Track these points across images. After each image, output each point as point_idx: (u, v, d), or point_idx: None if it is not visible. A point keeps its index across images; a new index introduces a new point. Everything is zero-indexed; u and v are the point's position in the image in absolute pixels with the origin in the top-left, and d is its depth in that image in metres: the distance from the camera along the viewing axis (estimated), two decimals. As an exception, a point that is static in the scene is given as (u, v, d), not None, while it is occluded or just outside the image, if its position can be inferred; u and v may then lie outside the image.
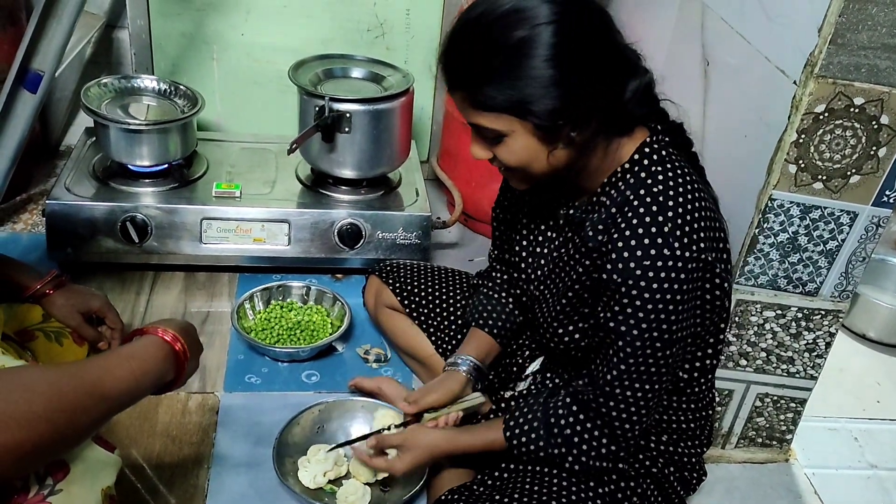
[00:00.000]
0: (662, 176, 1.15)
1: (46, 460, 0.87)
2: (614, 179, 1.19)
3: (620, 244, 1.12)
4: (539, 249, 1.36)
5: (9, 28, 1.97)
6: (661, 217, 1.11)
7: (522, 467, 1.32)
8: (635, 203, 1.14)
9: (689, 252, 1.11)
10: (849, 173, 1.32)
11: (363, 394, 1.56)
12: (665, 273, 1.10)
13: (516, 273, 1.42)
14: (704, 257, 1.13)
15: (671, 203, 1.12)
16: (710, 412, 1.38)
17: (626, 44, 1.15)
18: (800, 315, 1.47)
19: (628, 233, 1.12)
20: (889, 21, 1.19)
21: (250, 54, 2.28)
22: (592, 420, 1.22)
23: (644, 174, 1.16)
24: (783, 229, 1.37)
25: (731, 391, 1.57)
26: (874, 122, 1.27)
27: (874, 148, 1.29)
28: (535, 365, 1.47)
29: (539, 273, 1.35)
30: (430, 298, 1.65)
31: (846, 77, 1.23)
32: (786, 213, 1.36)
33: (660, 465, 1.32)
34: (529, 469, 1.31)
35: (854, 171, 1.32)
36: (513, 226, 1.42)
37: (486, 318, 1.48)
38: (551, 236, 1.34)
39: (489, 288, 1.52)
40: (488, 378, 1.49)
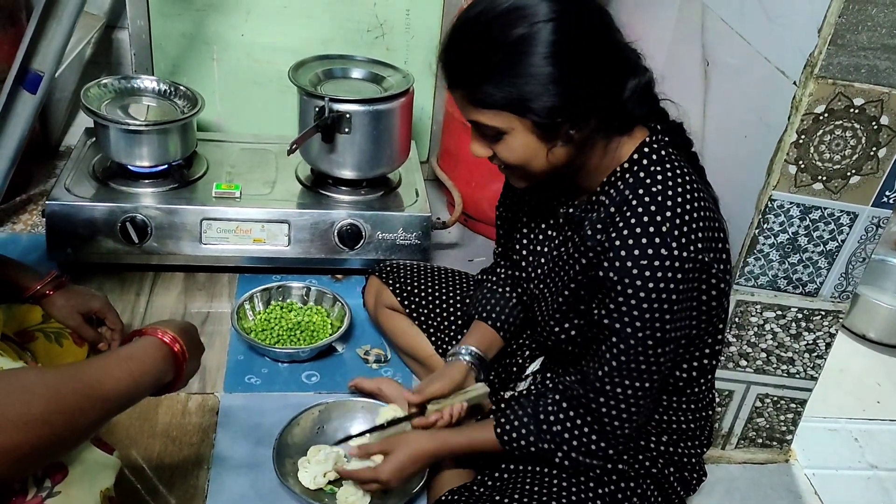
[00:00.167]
0: (661, 176, 1.15)
1: (45, 462, 0.87)
2: (613, 179, 1.19)
3: (618, 242, 1.12)
4: (539, 248, 1.36)
5: (9, 28, 1.97)
6: (660, 217, 1.12)
7: (523, 468, 1.31)
8: (634, 202, 1.14)
9: (687, 252, 1.11)
10: (849, 174, 1.32)
11: (363, 394, 1.56)
12: (661, 272, 1.10)
13: (517, 272, 1.43)
14: (702, 258, 1.13)
15: (670, 203, 1.12)
16: (710, 412, 1.38)
17: (626, 42, 1.15)
18: (800, 316, 1.47)
19: (626, 231, 1.12)
20: (889, 22, 1.19)
21: (250, 55, 2.28)
22: (583, 417, 1.23)
23: (643, 174, 1.16)
24: (783, 230, 1.37)
25: (732, 392, 1.57)
26: (874, 123, 1.27)
27: (874, 148, 1.29)
28: (535, 365, 1.47)
29: (539, 272, 1.36)
30: (430, 299, 1.65)
31: (846, 78, 1.23)
32: (786, 214, 1.35)
33: (660, 466, 1.32)
34: (530, 469, 1.31)
35: (854, 172, 1.32)
36: (514, 224, 1.42)
37: (490, 312, 1.48)
38: (552, 235, 1.34)
39: (493, 282, 1.52)
40: (491, 369, 1.49)
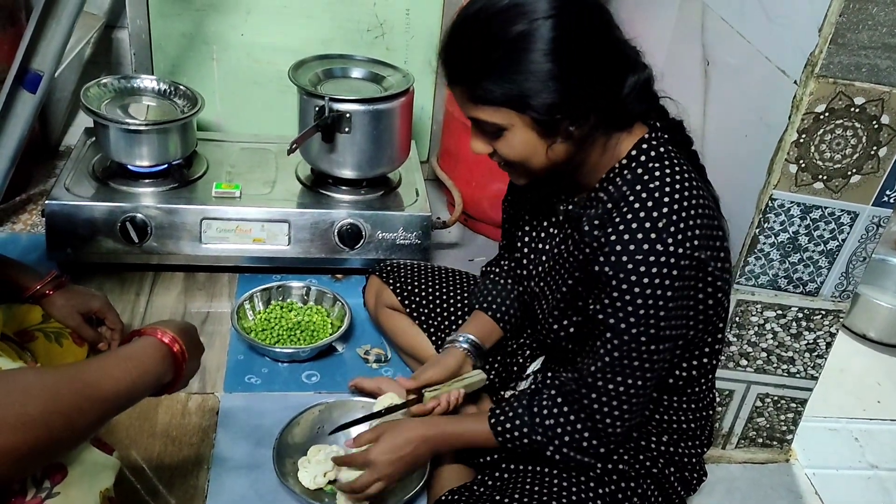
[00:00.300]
0: (659, 172, 1.15)
1: (44, 463, 0.87)
2: (612, 175, 1.19)
3: (614, 237, 1.13)
4: (540, 246, 1.36)
5: (8, 28, 1.97)
6: (657, 213, 1.12)
7: (523, 468, 1.31)
8: (631, 198, 1.14)
9: (683, 248, 1.11)
10: (849, 173, 1.32)
11: (363, 394, 1.55)
12: (657, 268, 1.10)
13: (519, 269, 1.43)
14: (698, 255, 1.13)
15: (667, 199, 1.12)
16: (711, 412, 1.38)
17: (625, 39, 1.15)
18: (800, 315, 1.47)
19: (623, 227, 1.12)
20: (889, 20, 1.19)
21: (250, 54, 2.28)
22: (576, 413, 1.23)
23: (641, 170, 1.16)
24: (783, 229, 1.37)
25: (732, 391, 1.56)
26: (875, 122, 1.27)
27: (874, 148, 1.29)
28: (536, 365, 1.47)
29: (540, 269, 1.36)
30: (431, 298, 1.65)
31: (847, 77, 1.23)
32: (786, 213, 1.35)
33: (660, 466, 1.32)
34: (530, 469, 1.31)
35: (854, 171, 1.31)
36: (516, 222, 1.43)
37: (491, 302, 1.49)
38: (553, 233, 1.34)
39: (496, 274, 1.53)
40: (488, 359, 1.50)
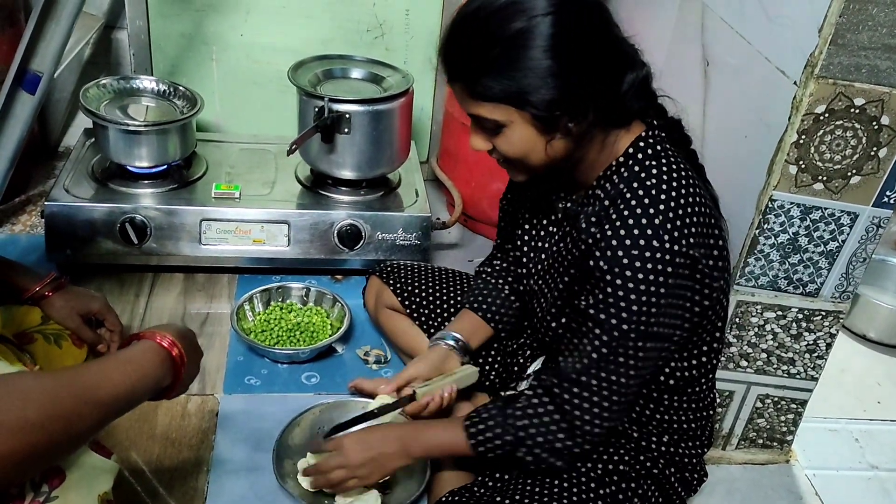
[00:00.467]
0: (656, 170, 1.15)
1: (42, 467, 0.87)
2: (609, 172, 1.20)
3: (610, 233, 1.13)
4: (540, 244, 1.36)
5: (7, 29, 1.97)
6: (653, 209, 1.12)
7: (524, 468, 1.31)
8: (628, 195, 1.14)
9: (678, 245, 1.11)
10: (849, 174, 1.31)
11: (363, 395, 1.55)
12: (652, 264, 1.10)
13: (519, 268, 1.43)
14: (693, 253, 1.13)
15: (663, 196, 1.13)
16: (711, 412, 1.38)
17: (624, 37, 1.16)
18: (800, 316, 1.47)
19: (619, 223, 1.12)
20: (889, 21, 1.19)
21: (249, 55, 2.28)
22: (550, 413, 1.21)
23: (638, 168, 1.16)
24: (783, 230, 1.37)
25: (732, 392, 1.56)
26: (874, 123, 1.27)
27: (874, 148, 1.29)
28: (536, 365, 1.47)
29: (539, 267, 1.36)
30: (431, 299, 1.65)
31: (846, 78, 1.23)
32: (786, 214, 1.35)
33: (660, 466, 1.32)
34: (531, 470, 1.30)
35: (854, 172, 1.31)
36: (516, 220, 1.43)
37: (482, 303, 1.51)
38: (552, 231, 1.35)
39: (487, 274, 1.55)
40: (477, 357, 1.52)
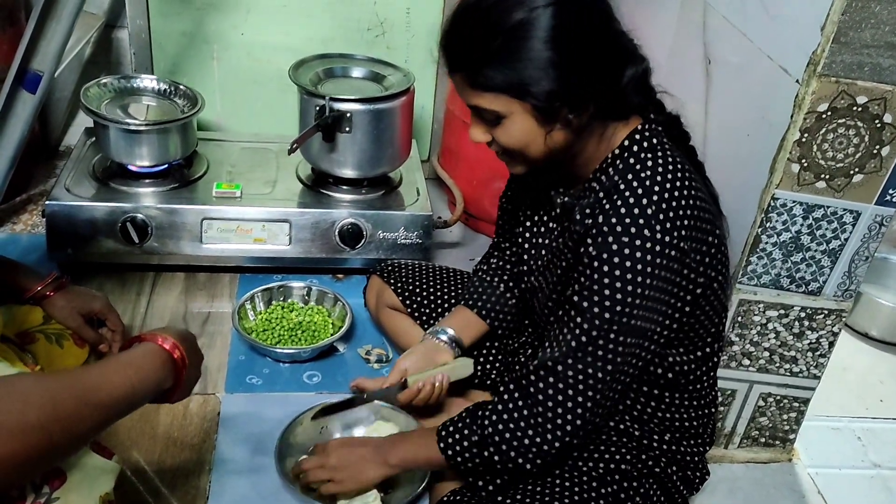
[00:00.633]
0: (651, 162, 1.15)
1: (43, 469, 0.87)
2: (605, 165, 1.20)
3: (601, 219, 1.13)
4: (540, 240, 1.37)
5: (8, 28, 1.97)
6: (645, 199, 1.12)
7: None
8: (622, 186, 1.14)
9: (668, 237, 1.11)
10: (852, 172, 1.31)
11: (364, 394, 1.56)
12: (641, 253, 1.10)
13: (518, 266, 1.43)
14: (682, 246, 1.13)
15: (656, 188, 1.13)
16: (713, 410, 1.38)
17: (624, 31, 1.16)
18: (803, 314, 1.47)
19: (611, 212, 1.12)
20: (892, 19, 1.18)
21: (250, 54, 2.27)
22: (519, 408, 1.20)
23: (633, 160, 1.17)
24: (786, 229, 1.37)
25: (734, 391, 1.56)
26: (877, 121, 1.26)
27: (877, 147, 1.29)
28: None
29: (539, 263, 1.36)
30: (432, 298, 1.65)
31: (849, 76, 1.22)
32: (788, 213, 1.35)
33: (662, 465, 1.32)
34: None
35: (857, 170, 1.31)
36: (516, 218, 1.43)
37: (476, 299, 1.53)
38: (552, 227, 1.35)
39: (483, 271, 1.57)
40: (471, 354, 1.54)
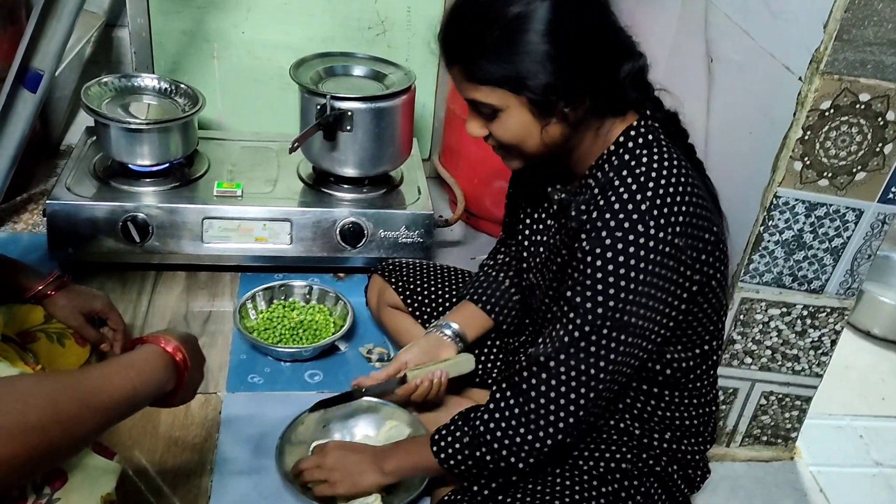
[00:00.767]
0: (646, 158, 1.15)
1: (43, 470, 0.86)
2: (601, 161, 1.20)
3: (595, 215, 1.13)
4: (538, 238, 1.37)
5: (8, 27, 1.96)
6: (640, 195, 1.12)
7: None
8: (616, 182, 1.14)
9: (663, 233, 1.11)
10: (854, 170, 1.31)
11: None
12: (634, 248, 1.10)
13: (521, 262, 1.43)
14: (677, 242, 1.12)
15: (651, 184, 1.12)
16: (713, 409, 1.37)
17: (621, 27, 1.16)
18: (805, 313, 1.46)
19: (605, 208, 1.12)
20: (895, 16, 1.18)
21: (251, 52, 2.27)
22: (511, 406, 1.19)
23: (628, 156, 1.17)
24: (788, 227, 1.36)
25: (736, 389, 1.56)
26: (880, 119, 1.26)
27: (880, 145, 1.28)
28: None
29: (537, 260, 1.36)
30: (434, 297, 1.65)
31: (852, 73, 1.22)
32: (791, 211, 1.35)
33: (663, 464, 1.32)
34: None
35: (860, 168, 1.31)
36: (517, 215, 1.43)
37: (481, 294, 1.52)
38: (550, 224, 1.35)
39: (490, 266, 1.57)
40: (474, 349, 1.53)
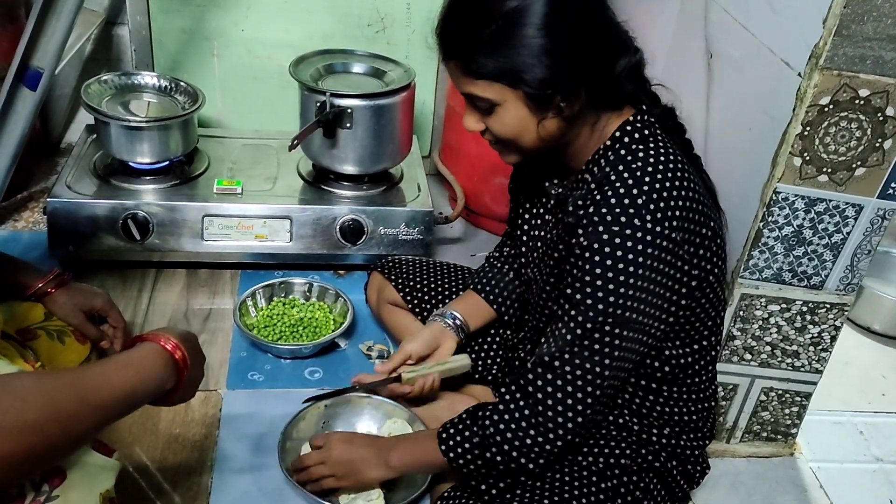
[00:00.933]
0: (643, 153, 1.15)
1: (41, 469, 0.86)
2: (597, 156, 1.20)
3: (592, 210, 1.13)
4: (536, 232, 1.37)
5: (8, 25, 1.96)
6: (636, 190, 1.12)
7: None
8: (612, 177, 1.14)
9: (660, 227, 1.11)
10: (854, 166, 1.31)
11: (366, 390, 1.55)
12: (631, 243, 1.10)
13: (519, 258, 1.44)
14: (674, 237, 1.12)
15: (647, 179, 1.12)
16: (713, 404, 1.38)
17: (618, 21, 1.16)
18: (805, 309, 1.46)
19: (602, 203, 1.12)
20: (894, 12, 1.18)
21: (251, 50, 2.27)
22: (521, 408, 1.20)
23: (624, 151, 1.17)
24: (788, 222, 1.36)
25: (736, 385, 1.56)
26: (879, 114, 1.26)
27: (879, 140, 1.28)
28: (538, 360, 1.47)
29: (535, 255, 1.37)
30: (433, 294, 1.65)
31: (851, 69, 1.22)
32: (790, 207, 1.35)
33: (662, 459, 1.32)
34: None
35: (859, 164, 1.31)
36: (518, 210, 1.43)
37: (485, 284, 1.53)
38: (547, 219, 1.36)
39: (495, 258, 1.58)
40: (476, 338, 1.55)
